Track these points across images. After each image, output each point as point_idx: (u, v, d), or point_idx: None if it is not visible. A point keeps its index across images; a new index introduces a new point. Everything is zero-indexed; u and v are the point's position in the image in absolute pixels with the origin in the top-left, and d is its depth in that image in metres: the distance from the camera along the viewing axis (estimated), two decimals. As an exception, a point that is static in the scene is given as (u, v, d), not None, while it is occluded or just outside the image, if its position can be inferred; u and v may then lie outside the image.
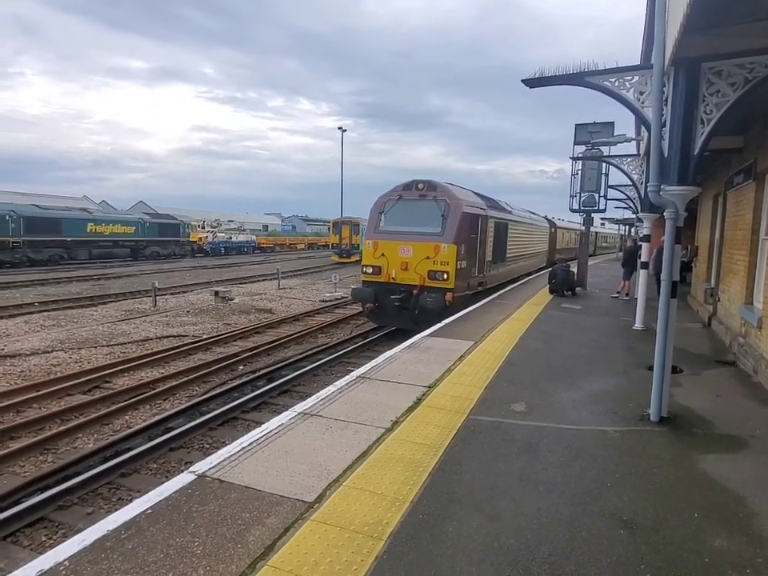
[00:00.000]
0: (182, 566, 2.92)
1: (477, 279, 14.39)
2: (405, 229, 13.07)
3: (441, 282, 12.48)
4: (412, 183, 13.36)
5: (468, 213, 13.08)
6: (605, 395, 6.34)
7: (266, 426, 4.99)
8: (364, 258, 13.50)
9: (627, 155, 13.61)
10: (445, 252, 12.43)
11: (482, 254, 14.43)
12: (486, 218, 14.65)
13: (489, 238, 15.07)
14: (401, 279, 12.88)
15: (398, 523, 3.40)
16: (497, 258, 16.46)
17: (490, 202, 16.15)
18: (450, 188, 13.32)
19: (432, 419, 5.28)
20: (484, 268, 14.91)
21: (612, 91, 6.22)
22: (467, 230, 13.04)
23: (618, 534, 3.41)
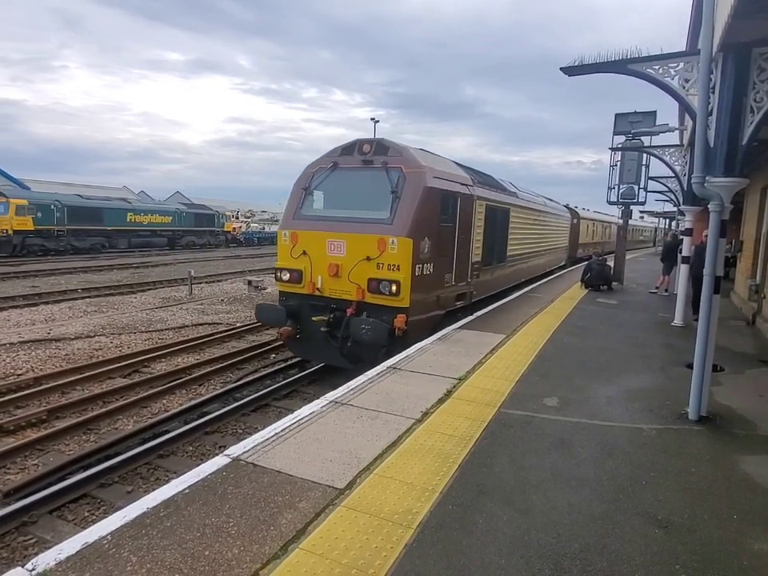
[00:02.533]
0: (218, 545, 3.01)
1: (454, 291, 9.90)
2: (337, 213, 8.81)
3: (388, 298, 8.12)
4: (354, 144, 9.01)
5: (437, 189, 8.70)
6: (641, 392, 6.19)
7: (298, 413, 5.08)
8: (279, 256, 9.14)
9: (669, 145, 13.15)
10: (394, 250, 8.02)
11: (463, 251, 10.03)
12: (470, 198, 10.18)
13: (477, 228, 10.72)
14: (330, 291, 8.60)
15: (428, 513, 3.42)
16: (491, 257, 12.19)
17: (479, 177, 11.56)
18: (409, 151, 8.78)
19: (462, 411, 5.26)
20: (468, 273, 10.53)
21: (655, 79, 6.02)
22: (434, 216, 8.70)
23: (653, 533, 3.34)
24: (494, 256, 12.57)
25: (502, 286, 13.90)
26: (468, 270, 10.57)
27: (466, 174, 10.71)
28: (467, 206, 10.08)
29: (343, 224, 8.55)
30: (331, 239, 8.57)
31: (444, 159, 10.50)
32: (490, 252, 12.07)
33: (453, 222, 9.48)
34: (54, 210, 31.48)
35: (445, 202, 9.04)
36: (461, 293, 10.38)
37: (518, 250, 14.86)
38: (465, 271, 10.40)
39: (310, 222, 8.93)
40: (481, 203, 10.89)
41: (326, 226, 8.68)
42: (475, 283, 11.11)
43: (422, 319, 8.77)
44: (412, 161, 8.54)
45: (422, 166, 8.56)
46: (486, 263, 11.72)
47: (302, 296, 8.86)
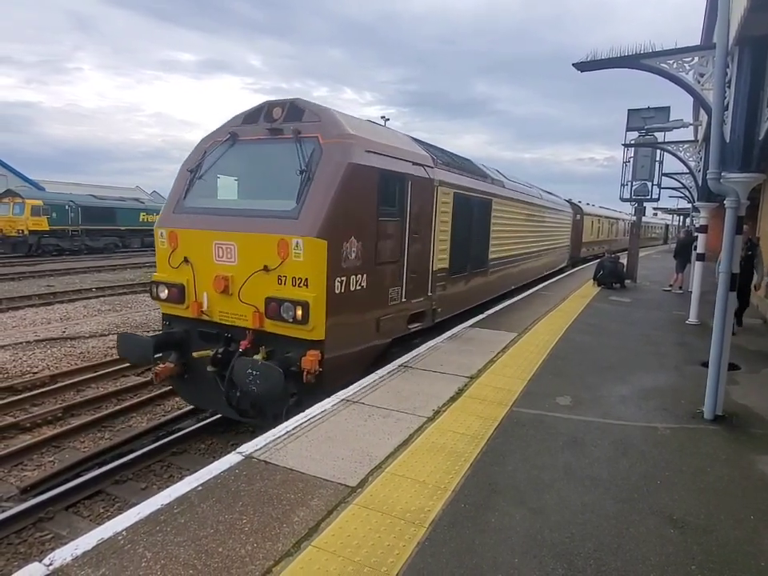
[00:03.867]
0: (231, 541, 3.03)
1: (404, 310, 7.53)
2: (228, 204, 6.63)
3: (293, 328, 5.76)
4: (260, 109, 6.71)
5: (371, 168, 6.36)
6: (655, 391, 6.13)
7: (310, 412, 5.09)
8: (157, 265, 6.82)
9: (684, 141, 13.00)
10: (299, 256, 5.69)
11: (418, 256, 7.72)
12: (428, 183, 7.85)
13: (441, 223, 8.46)
14: (220, 315, 6.26)
15: (440, 511, 3.41)
16: (464, 261, 9.80)
17: (444, 158, 9.08)
18: (330, 115, 6.43)
19: (474, 410, 5.24)
20: (428, 285, 8.19)
21: (669, 74, 5.96)
22: (368, 206, 6.39)
23: (668, 533, 3.30)
24: (469, 260, 10.17)
25: (481, 297, 11.36)
26: (428, 281, 8.19)
27: (425, 151, 8.22)
28: (424, 193, 7.74)
29: (234, 219, 6.15)
30: (219, 241, 6.13)
31: (388, 129, 8.18)
32: (462, 255, 9.69)
33: (400, 215, 7.13)
34: (68, 211, 31.88)
35: (386, 187, 6.67)
36: (416, 312, 7.93)
37: (503, 251, 12.49)
38: (422, 283, 8.00)
39: (193, 217, 6.45)
40: (446, 191, 8.58)
41: (213, 223, 6.25)
42: (440, 298, 8.73)
43: (350, 355, 6.39)
44: (333, 127, 6.15)
45: (347, 135, 6.15)
46: (456, 270, 9.39)
47: (189, 321, 6.47)
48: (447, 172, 8.78)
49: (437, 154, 8.83)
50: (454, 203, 8.93)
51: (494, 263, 11.83)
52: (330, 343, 5.89)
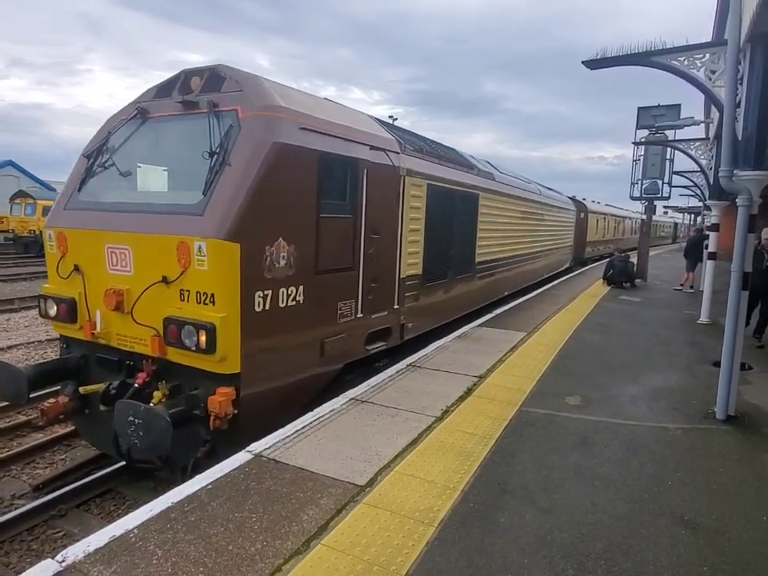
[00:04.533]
0: (241, 539, 3.04)
1: (361, 328, 6.38)
2: (125, 197, 5.26)
3: (199, 358, 4.54)
4: (176, 79, 5.46)
5: (307, 150, 5.16)
6: (666, 391, 6.08)
7: (319, 411, 5.10)
8: (48, 275, 5.56)
9: (695, 139, 12.89)
10: (202, 264, 4.46)
11: (378, 261, 6.53)
12: (392, 172, 6.71)
13: (411, 221, 7.29)
14: (118, 339, 5.06)
15: (449, 511, 3.41)
16: (443, 266, 8.64)
17: (416, 143, 7.87)
18: (256, 83, 5.20)
19: (483, 410, 5.23)
20: (394, 295, 7.05)
21: (680, 71, 5.91)
22: (303, 198, 5.19)
23: (680, 534, 3.28)
24: (450, 265, 8.92)
25: (466, 307, 10.09)
26: (394, 291, 7.00)
27: (389, 134, 6.96)
28: (387, 184, 6.55)
29: (130, 217, 4.92)
30: (112, 244, 4.93)
31: (338, 105, 6.58)
32: (441, 259, 8.50)
33: (353, 210, 5.92)
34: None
35: (330, 175, 5.51)
36: (379, 329, 6.73)
37: (493, 253, 11.28)
38: (386, 293, 6.79)
39: (85, 214, 5.23)
40: (418, 182, 7.37)
41: (105, 222, 5.02)
42: (412, 310, 7.53)
43: (281, 389, 5.12)
44: (256, 98, 4.92)
45: (274, 107, 4.92)
46: (432, 277, 8.18)
47: (88, 344, 5.26)
48: (419, 160, 7.55)
49: (406, 138, 7.62)
50: (428, 197, 7.72)
51: (482, 267, 10.58)
52: (248, 377, 4.65)
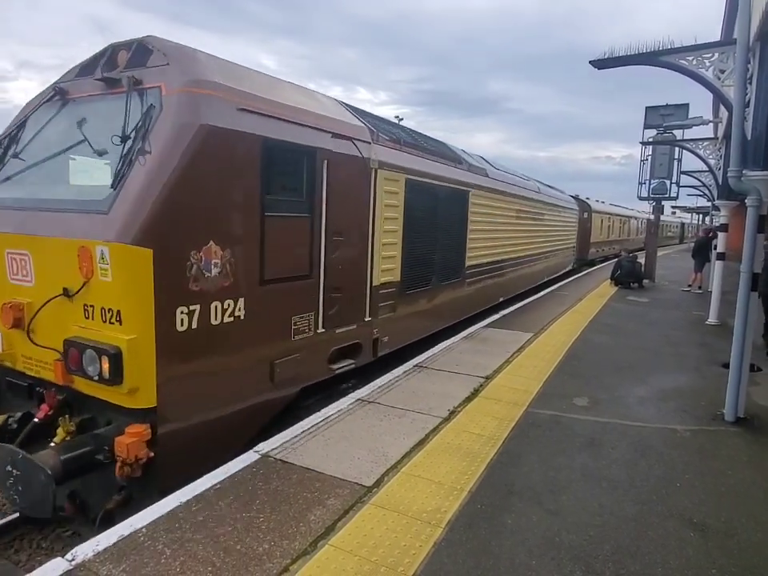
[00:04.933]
0: (249, 539, 3.06)
1: (324, 345, 5.69)
2: (31, 193, 4.51)
3: (105, 389, 3.75)
4: (103, 53, 4.73)
5: (245, 135, 4.42)
6: (674, 392, 6.04)
7: (326, 411, 5.11)
8: None
9: (703, 139, 12.81)
10: (106, 274, 3.67)
11: (341, 269, 5.77)
12: (360, 164, 5.98)
13: (386, 220, 6.57)
14: (24, 362, 4.33)
15: (456, 512, 3.41)
16: (424, 272, 7.83)
17: (390, 132, 7.04)
18: (184, 55, 4.39)
19: (490, 410, 5.22)
20: (365, 306, 6.34)
21: (689, 70, 5.88)
22: (239, 194, 4.43)
23: (688, 536, 3.26)
24: (435, 270, 8.11)
25: (455, 316, 9.25)
26: (365, 301, 6.28)
27: (358, 121, 6.20)
28: (354, 178, 5.82)
29: (31, 216, 4.20)
30: (11, 249, 4.25)
31: (292, 85, 5.61)
32: (423, 263, 7.74)
33: (310, 208, 5.19)
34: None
35: (278, 167, 4.81)
36: (346, 345, 6.00)
37: (486, 256, 10.38)
38: (355, 304, 6.08)
39: None
40: (393, 176, 6.60)
41: (6, 221, 4.31)
42: (387, 322, 6.77)
43: (215, 423, 4.36)
44: (183, 72, 4.16)
45: (203, 83, 4.16)
46: (412, 284, 7.40)
47: None
48: (395, 151, 6.73)
49: (380, 126, 6.83)
50: (406, 193, 6.93)
51: (473, 272, 9.74)
52: (168, 411, 3.89)
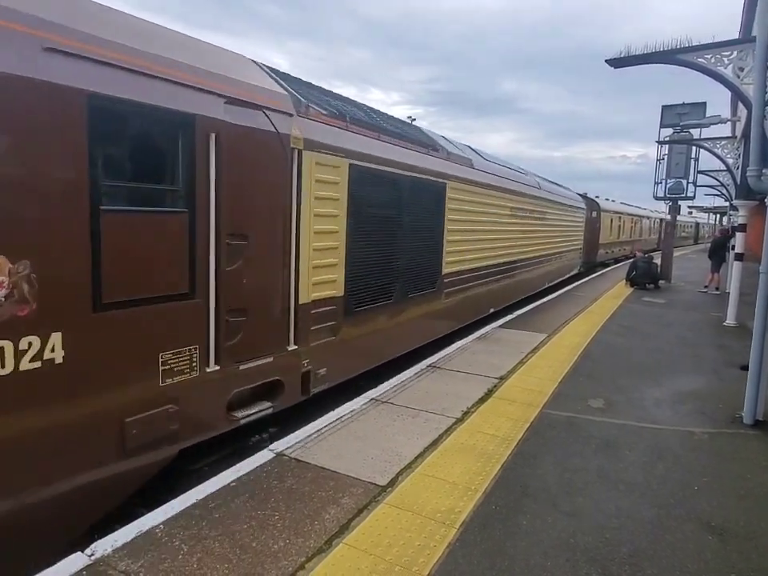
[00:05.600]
0: (264, 536, 3.08)
1: (217, 389, 4.25)
2: None
3: None
4: None
5: (51, 87, 3.03)
6: (691, 394, 5.96)
7: (339, 411, 5.13)
8: None
9: (721, 137, 12.62)
10: None
11: (245, 282, 4.41)
12: (272, 142, 4.59)
13: (312, 220, 5.17)
14: None
15: (471, 512, 3.40)
16: (380, 283, 6.41)
17: (327, 105, 5.76)
18: None
19: (504, 411, 5.20)
20: (286, 333, 4.93)
21: (707, 68, 5.81)
22: (44, 174, 3.07)
23: (706, 540, 3.22)
24: (397, 279, 6.62)
25: (428, 334, 7.76)
26: (288, 324, 4.88)
27: (276, 85, 4.90)
28: (265, 161, 4.51)
29: None
30: None
31: (163, 29, 4.20)
32: (380, 272, 6.29)
33: (187, 201, 3.96)
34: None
35: (126, 138, 3.69)
36: (257, 385, 4.64)
37: (470, 261, 8.93)
38: (271, 328, 4.70)
39: None
40: (332, 161, 5.27)
41: None
42: (324, 349, 5.36)
43: (18, 516, 3.14)
44: None
45: None
46: (364, 299, 5.99)
47: None
48: (335, 129, 5.41)
49: (310, 95, 5.43)
50: (351, 183, 5.56)
51: (452, 280, 8.28)
52: None
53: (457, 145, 9.51)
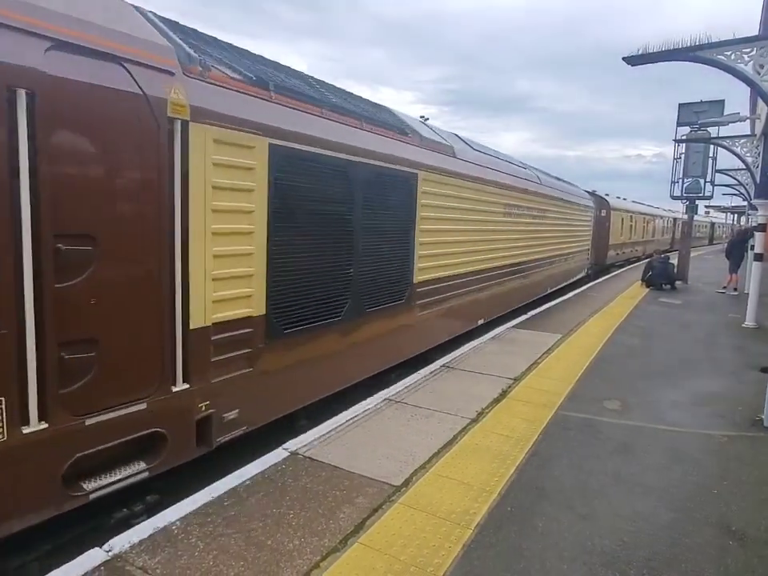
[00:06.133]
0: (279, 535, 3.09)
1: (41, 457, 2.98)
2: None
3: None
4: None
5: None
6: (710, 397, 5.87)
7: (353, 411, 5.13)
8: None
9: (740, 136, 12.41)
10: None
11: (82, 301, 3.11)
12: (133, 108, 3.31)
13: (207, 217, 3.79)
14: None
15: (486, 514, 3.38)
16: (325, 298, 5.11)
17: (235, 63, 4.47)
18: None
19: (518, 412, 5.17)
20: (176, 366, 3.68)
21: (726, 65, 5.72)
22: None
23: (726, 545, 3.16)
24: (349, 292, 5.43)
25: (392, 357, 6.51)
26: (173, 357, 3.71)
27: (156, 32, 3.69)
28: (125, 133, 3.32)
29: None
30: None
31: None
32: (323, 283, 5.07)
33: None
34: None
35: None
36: (120, 443, 3.43)
37: (451, 267, 7.67)
38: (144, 363, 3.54)
39: None
40: (240, 139, 4.04)
41: None
42: (236, 385, 4.22)
43: None
44: None
45: None
46: (296, 318, 4.78)
47: None
48: (247, 97, 4.20)
49: (209, 50, 4.35)
50: (274, 169, 4.29)
51: (427, 290, 7.01)
52: None
53: (438, 131, 8.21)
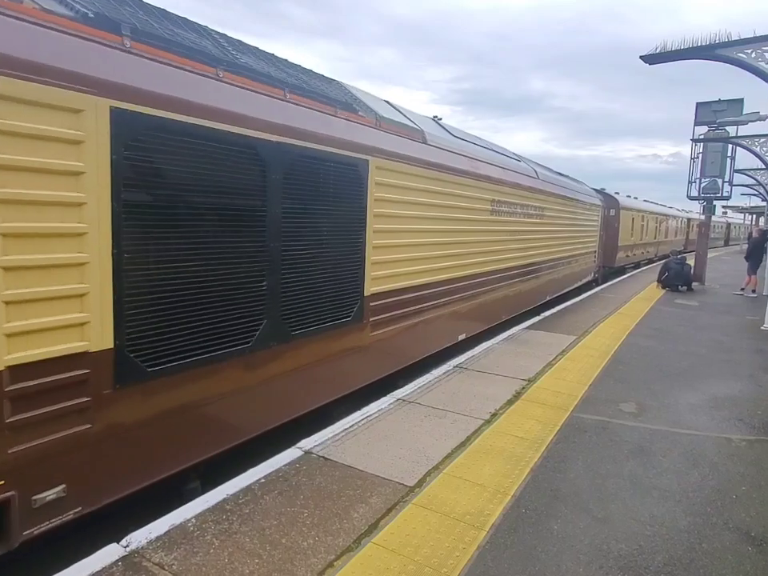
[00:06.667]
0: (294, 533, 3.10)
1: None
2: None
3: None
4: None
5: None
6: (728, 400, 5.78)
7: (367, 410, 5.14)
8: None
9: (760, 135, 12.20)
10: None
11: None
12: None
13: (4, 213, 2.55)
14: None
15: (500, 515, 3.36)
16: (217, 322, 3.77)
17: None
18: None
19: (533, 414, 5.13)
20: None
21: (747, 64, 5.61)
22: None
23: (746, 550, 3.11)
24: (263, 310, 4.23)
25: (329, 392, 5.19)
26: None
27: None
28: None
29: None
30: None
31: None
32: (218, 299, 3.81)
33: None
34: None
35: None
36: None
37: (422, 274, 6.53)
38: None
39: None
40: (51, 97, 2.71)
41: None
42: (63, 452, 3.00)
43: None
44: None
45: None
46: (174, 349, 3.53)
47: None
48: (61, 36, 2.91)
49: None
50: (122, 144, 3.10)
51: (384, 303, 5.86)
52: None
53: (407, 113, 6.96)
